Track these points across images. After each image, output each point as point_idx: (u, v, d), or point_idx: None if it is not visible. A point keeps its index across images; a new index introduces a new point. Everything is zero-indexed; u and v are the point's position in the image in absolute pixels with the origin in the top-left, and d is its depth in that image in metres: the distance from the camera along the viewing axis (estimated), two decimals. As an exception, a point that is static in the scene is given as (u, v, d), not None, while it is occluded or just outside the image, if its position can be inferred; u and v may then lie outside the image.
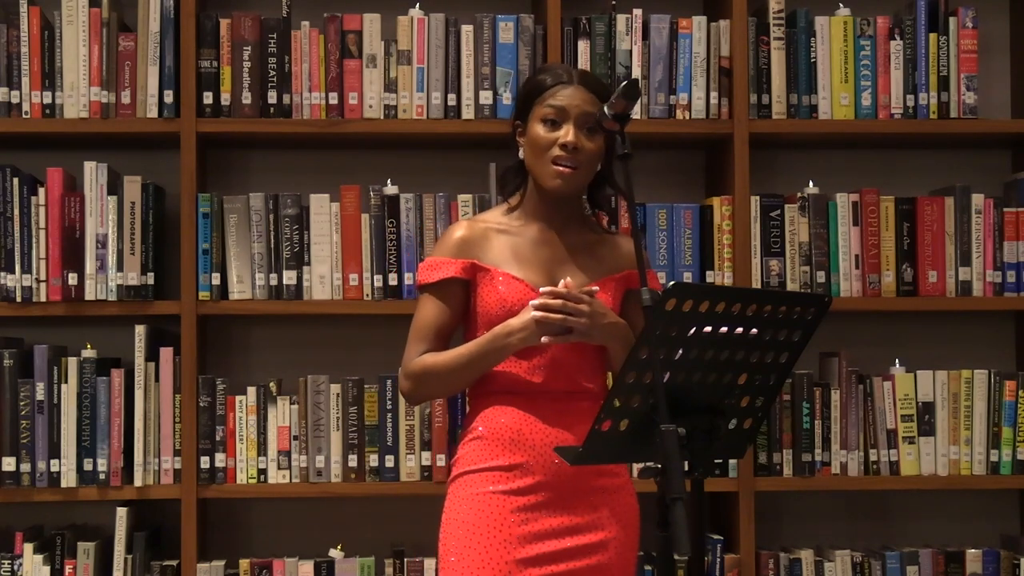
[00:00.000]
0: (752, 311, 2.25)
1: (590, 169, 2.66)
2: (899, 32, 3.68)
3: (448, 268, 2.65)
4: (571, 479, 2.60)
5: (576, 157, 2.60)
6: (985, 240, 3.66)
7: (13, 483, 3.46)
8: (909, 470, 3.63)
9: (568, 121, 2.61)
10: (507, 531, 2.57)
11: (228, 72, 3.56)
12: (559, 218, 2.70)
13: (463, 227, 2.70)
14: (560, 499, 2.60)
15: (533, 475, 2.60)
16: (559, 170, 2.61)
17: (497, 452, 2.61)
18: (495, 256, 2.66)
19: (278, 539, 3.72)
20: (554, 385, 2.62)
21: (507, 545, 2.57)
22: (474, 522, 2.59)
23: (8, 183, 3.50)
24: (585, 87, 2.64)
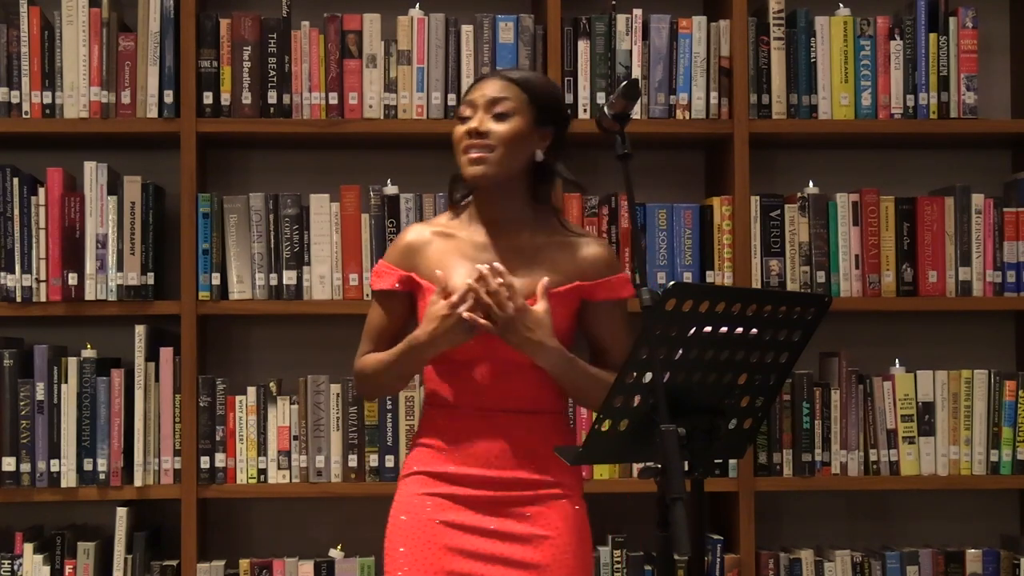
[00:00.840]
0: (752, 311, 2.25)
1: (509, 153, 2.54)
2: (899, 32, 3.68)
3: (389, 279, 2.64)
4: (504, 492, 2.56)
5: (485, 141, 2.53)
6: (985, 240, 3.66)
7: (13, 483, 3.46)
8: (909, 470, 3.63)
9: (477, 111, 2.56)
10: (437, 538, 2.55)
11: (228, 72, 3.56)
12: (502, 219, 2.61)
13: (413, 232, 2.67)
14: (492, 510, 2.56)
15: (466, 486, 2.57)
16: (470, 156, 2.54)
17: (435, 460, 2.60)
18: (432, 265, 2.59)
19: (278, 539, 3.72)
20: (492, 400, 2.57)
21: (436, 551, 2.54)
22: (408, 526, 2.58)
23: (8, 183, 3.50)
24: (499, 77, 2.59)
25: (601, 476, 3.55)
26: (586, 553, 2.63)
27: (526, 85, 2.58)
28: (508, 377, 2.57)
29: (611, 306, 2.63)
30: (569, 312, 2.60)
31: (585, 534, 2.63)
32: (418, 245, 2.64)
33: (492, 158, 2.54)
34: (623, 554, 3.54)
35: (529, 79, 2.61)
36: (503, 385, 2.57)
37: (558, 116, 2.63)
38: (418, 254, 2.63)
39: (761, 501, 3.62)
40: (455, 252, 2.62)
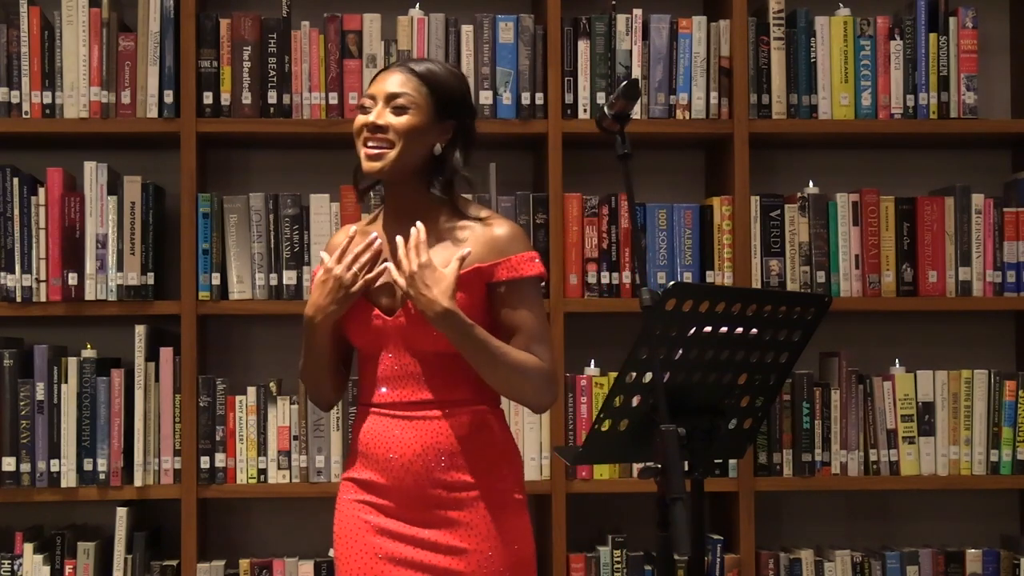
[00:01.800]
0: (752, 311, 2.26)
1: (408, 147, 2.51)
2: (899, 32, 3.68)
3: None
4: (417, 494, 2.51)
5: (383, 136, 2.51)
6: (985, 240, 3.66)
7: (13, 483, 3.46)
8: (909, 470, 3.63)
9: (376, 104, 2.54)
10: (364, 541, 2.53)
11: (228, 72, 3.56)
12: (403, 209, 2.58)
13: (339, 233, 2.67)
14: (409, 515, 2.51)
15: (380, 489, 2.53)
16: (366, 151, 2.52)
17: (355, 464, 2.58)
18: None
19: (278, 539, 3.72)
20: (403, 396, 2.53)
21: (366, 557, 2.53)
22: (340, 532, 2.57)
23: (8, 183, 3.50)
24: (401, 69, 2.56)
25: (601, 476, 3.55)
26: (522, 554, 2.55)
27: (428, 78, 2.55)
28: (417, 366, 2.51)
29: (516, 285, 2.53)
30: (472, 298, 2.51)
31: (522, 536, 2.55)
32: (337, 245, 2.62)
33: (390, 153, 2.51)
34: (623, 554, 3.54)
35: (432, 72, 2.57)
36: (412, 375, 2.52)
37: (460, 109, 2.59)
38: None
39: (761, 501, 3.62)
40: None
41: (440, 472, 2.50)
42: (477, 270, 2.51)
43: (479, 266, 2.51)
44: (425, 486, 2.50)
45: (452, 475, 2.50)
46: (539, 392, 2.52)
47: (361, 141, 2.54)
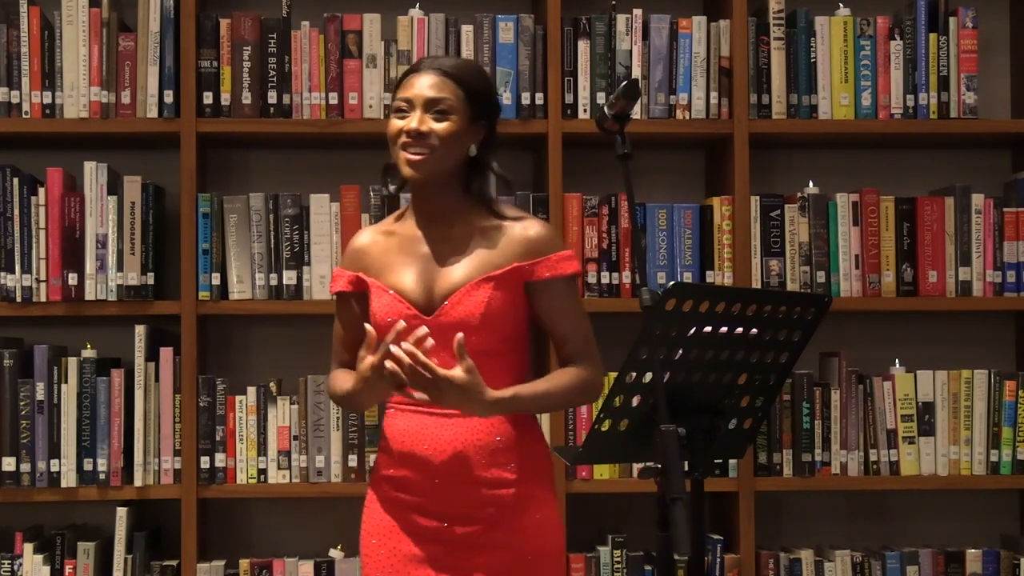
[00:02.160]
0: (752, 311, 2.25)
1: (446, 152, 2.54)
2: (899, 32, 3.68)
3: (340, 282, 2.65)
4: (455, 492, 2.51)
5: (424, 141, 2.52)
6: (985, 240, 3.66)
7: (13, 483, 3.46)
8: (909, 470, 3.63)
9: (415, 108, 2.55)
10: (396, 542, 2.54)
11: (228, 72, 3.56)
12: (438, 211, 2.60)
13: (362, 235, 2.68)
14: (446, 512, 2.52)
15: (416, 487, 2.54)
16: (407, 156, 2.53)
17: (389, 463, 2.58)
18: (378, 265, 2.60)
19: (278, 539, 3.72)
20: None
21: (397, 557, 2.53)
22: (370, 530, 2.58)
23: (8, 183, 3.50)
24: (436, 71, 2.56)
25: (601, 476, 3.55)
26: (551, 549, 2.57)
27: (463, 81, 2.56)
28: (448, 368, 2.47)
29: (556, 284, 2.56)
30: (510, 296, 2.54)
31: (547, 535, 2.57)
32: (365, 247, 2.65)
33: (430, 158, 2.53)
34: (623, 554, 3.54)
35: (465, 74, 2.58)
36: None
37: (490, 109, 2.62)
38: (366, 255, 2.64)
39: (761, 501, 3.62)
40: (396, 249, 2.61)
41: (480, 469, 2.51)
42: (517, 269, 2.54)
43: (518, 265, 2.54)
44: (465, 483, 2.52)
45: (492, 472, 2.52)
46: (584, 400, 2.65)
47: (399, 146, 2.55)
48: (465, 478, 2.51)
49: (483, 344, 2.49)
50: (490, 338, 2.51)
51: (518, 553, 2.51)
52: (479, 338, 2.49)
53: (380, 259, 2.61)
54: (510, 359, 2.57)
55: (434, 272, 2.56)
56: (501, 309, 2.52)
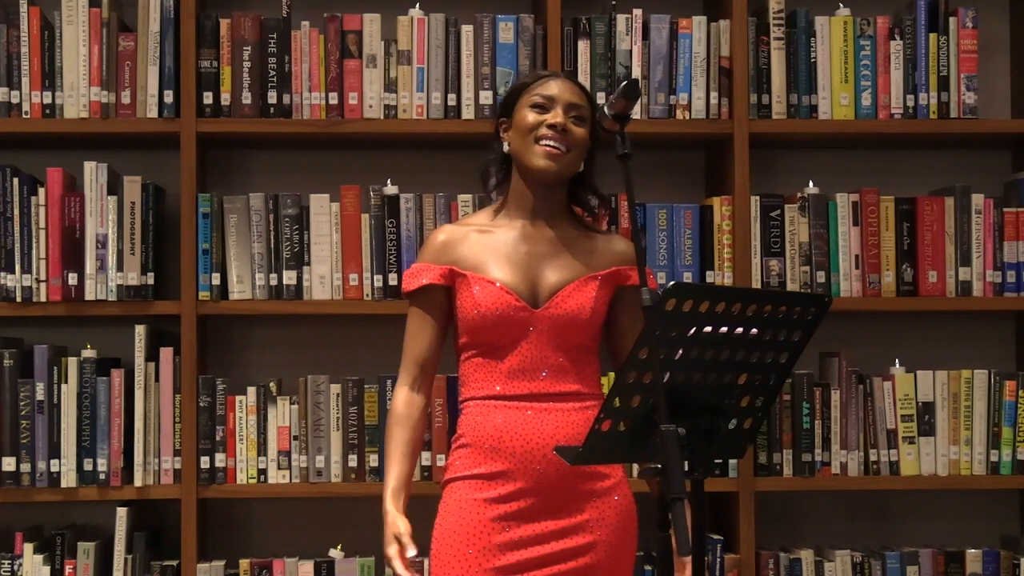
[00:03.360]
0: (752, 311, 2.25)
1: (578, 156, 2.66)
2: (899, 32, 3.68)
3: (428, 274, 2.66)
4: (555, 484, 2.58)
5: (564, 139, 2.61)
6: (985, 240, 3.66)
7: (13, 483, 3.46)
8: (909, 470, 3.63)
9: (556, 107, 2.63)
10: (487, 539, 2.56)
11: (228, 72, 3.56)
12: (543, 211, 2.69)
13: (445, 231, 2.71)
14: (544, 504, 2.57)
15: (515, 482, 2.58)
16: (547, 149, 2.60)
17: (479, 460, 2.60)
18: (474, 259, 2.65)
19: (278, 539, 3.72)
20: (544, 388, 2.61)
21: (486, 553, 2.55)
22: (456, 530, 2.58)
23: (8, 183, 3.50)
24: (574, 82, 2.70)
25: (601, 476, 3.55)
26: (633, 547, 2.68)
27: (591, 100, 2.71)
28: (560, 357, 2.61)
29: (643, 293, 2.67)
30: (607, 297, 2.68)
31: (634, 527, 2.68)
32: (454, 241, 2.68)
33: (567, 157, 2.63)
34: (623, 554, 3.54)
35: (590, 95, 2.74)
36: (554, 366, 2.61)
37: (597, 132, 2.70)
38: (456, 249, 2.67)
39: (761, 501, 3.62)
40: (496, 244, 2.67)
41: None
42: (617, 272, 2.68)
43: (616, 269, 2.68)
44: (565, 476, 2.57)
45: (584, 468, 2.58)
46: None
47: (537, 137, 2.62)
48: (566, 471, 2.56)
49: (585, 339, 2.62)
50: (591, 333, 2.65)
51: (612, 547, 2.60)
52: (583, 332, 2.61)
53: (477, 253, 2.66)
54: (595, 357, 2.70)
55: (538, 269, 2.64)
56: (602, 308, 2.66)
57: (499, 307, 2.59)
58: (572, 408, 2.62)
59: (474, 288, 2.62)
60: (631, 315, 2.70)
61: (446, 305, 2.68)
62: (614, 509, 2.63)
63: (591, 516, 2.60)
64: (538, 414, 2.60)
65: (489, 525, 2.57)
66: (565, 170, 2.65)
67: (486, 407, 2.62)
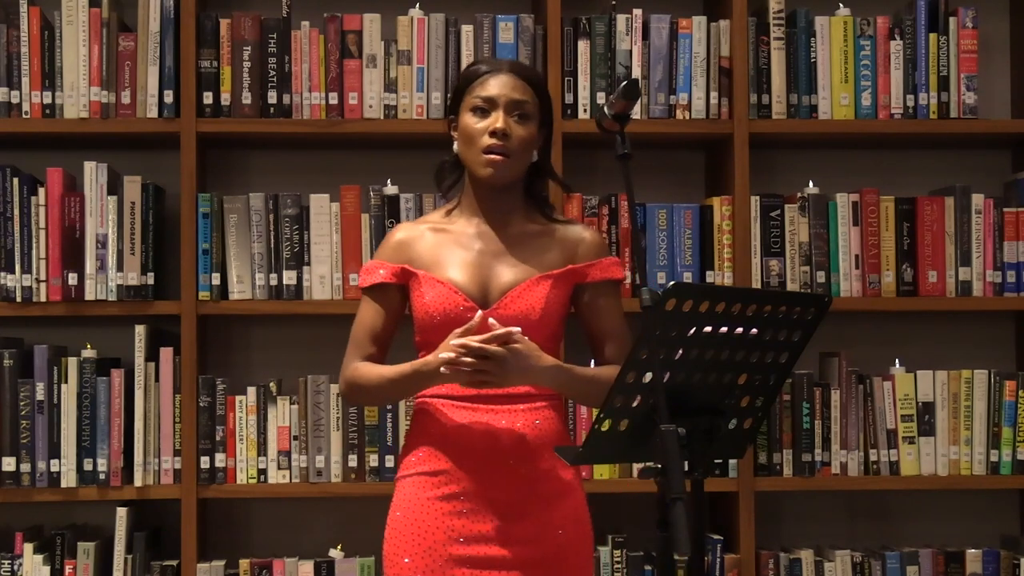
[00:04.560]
0: (752, 311, 2.25)
1: (524, 157, 2.61)
2: (899, 32, 3.68)
3: (381, 272, 2.65)
4: (503, 486, 2.55)
5: (507, 144, 2.57)
6: (985, 240, 3.66)
7: (13, 483, 3.46)
8: (909, 470, 3.63)
9: (497, 109, 2.58)
10: (440, 534, 2.54)
11: (228, 72, 3.56)
12: (498, 210, 2.65)
13: (402, 229, 2.70)
14: (492, 506, 2.55)
15: (462, 482, 2.56)
16: (490, 158, 2.57)
17: (429, 458, 2.59)
18: (428, 257, 2.63)
19: (278, 539, 3.72)
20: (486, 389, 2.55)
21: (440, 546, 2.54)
22: (409, 525, 2.57)
23: (8, 183, 3.50)
24: (514, 74, 2.62)
25: (601, 476, 3.55)
26: (589, 547, 2.65)
27: (538, 87, 2.65)
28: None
29: (606, 287, 2.66)
30: (563, 296, 2.63)
31: (588, 527, 2.64)
32: (410, 240, 2.66)
33: (510, 162, 2.59)
34: (623, 554, 3.54)
35: (539, 80, 2.67)
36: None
37: (551, 116, 2.69)
38: (411, 248, 2.65)
39: (761, 501, 3.62)
40: (451, 243, 2.64)
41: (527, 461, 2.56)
42: (571, 271, 2.63)
43: (573, 267, 2.63)
44: (515, 479, 2.55)
45: (538, 464, 2.56)
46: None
47: (481, 146, 2.58)
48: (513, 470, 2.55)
49: (538, 339, 2.55)
50: (543, 334, 2.58)
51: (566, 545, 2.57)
52: (533, 334, 2.54)
53: (431, 252, 2.63)
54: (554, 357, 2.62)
55: (490, 268, 2.60)
56: (555, 307, 2.61)
57: (447, 307, 2.57)
58: (521, 410, 2.58)
59: (424, 288, 2.60)
60: (597, 311, 2.65)
61: (398, 303, 2.67)
62: (565, 511, 2.59)
63: (543, 519, 2.56)
64: (486, 415, 2.57)
65: (441, 519, 2.55)
66: (510, 174, 2.61)
67: (437, 406, 2.60)
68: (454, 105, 2.67)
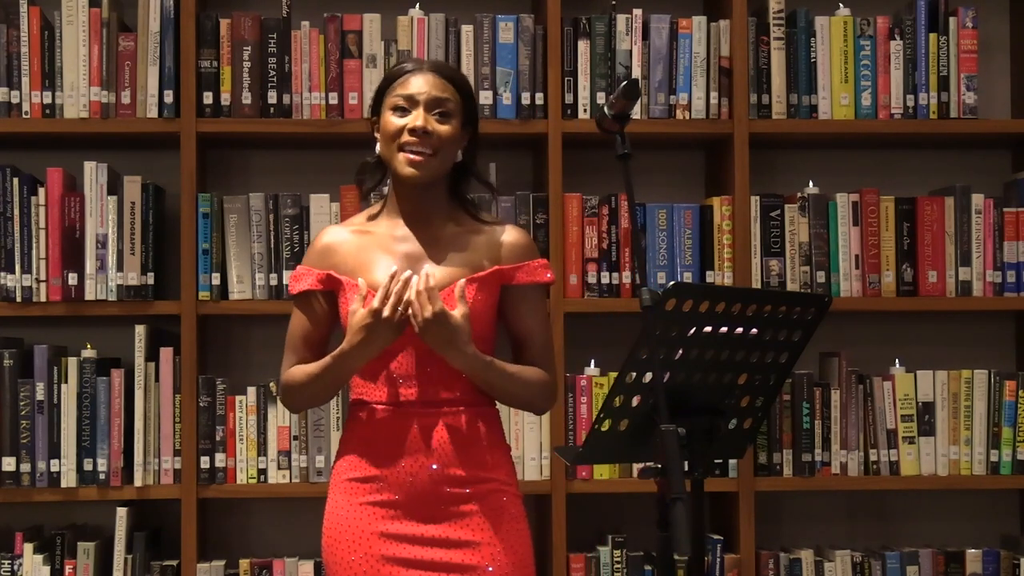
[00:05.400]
0: (752, 311, 2.26)
1: (447, 155, 2.56)
2: (899, 32, 3.68)
3: (307, 280, 2.61)
4: (428, 491, 2.52)
5: (427, 141, 2.53)
6: (985, 240, 3.66)
7: (13, 483, 3.46)
8: (909, 470, 3.63)
9: (417, 107, 2.55)
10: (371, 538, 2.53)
11: (228, 72, 3.56)
12: (422, 211, 2.60)
13: (327, 233, 2.65)
14: (419, 511, 2.52)
15: (390, 488, 2.53)
16: (410, 157, 2.53)
17: (357, 464, 2.57)
18: (352, 263, 2.58)
19: (278, 539, 3.72)
20: (405, 398, 2.54)
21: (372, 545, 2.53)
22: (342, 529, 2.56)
23: (8, 183, 3.50)
24: (435, 73, 2.58)
25: (601, 476, 3.55)
26: (523, 550, 2.57)
27: (461, 87, 2.60)
28: (432, 366, 2.52)
29: (531, 290, 2.60)
30: (490, 298, 2.58)
31: (522, 531, 2.58)
32: (335, 245, 2.62)
33: (433, 160, 2.54)
34: (623, 554, 3.54)
35: (462, 80, 2.62)
36: (427, 375, 2.53)
37: (476, 115, 2.65)
38: (335, 253, 2.61)
39: (761, 501, 3.62)
40: (374, 246, 2.60)
41: (452, 468, 2.52)
42: (498, 272, 2.57)
43: (499, 268, 2.57)
44: (436, 483, 2.52)
45: (462, 471, 2.52)
46: (543, 402, 2.62)
47: (400, 145, 2.54)
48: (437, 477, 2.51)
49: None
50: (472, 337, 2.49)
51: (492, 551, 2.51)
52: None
53: (355, 257, 2.59)
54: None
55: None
56: (482, 310, 2.54)
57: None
58: (448, 414, 2.54)
59: (349, 294, 2.55)
60: (521, 314, 2.60)
61: (327, 307, 2.62)
62: (495, 513, 2.54)
63: (471, 522, 2.53)
64: (413, 420, 2.53)
65: (371, 523, 2.53)
66: (433, 173, 2.56)
67: (363, 413, 2.58)
68: (376, 105, 2.63)
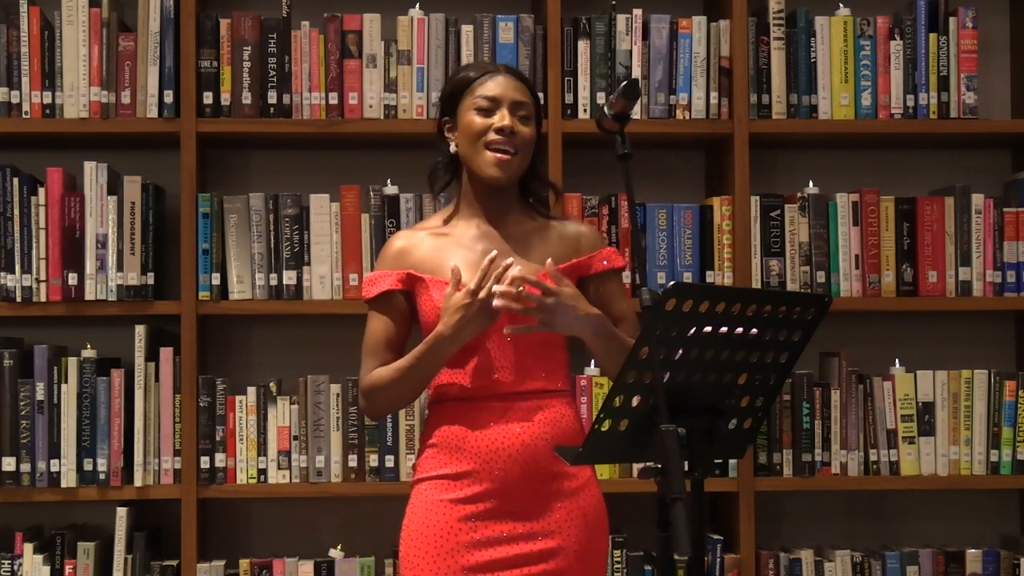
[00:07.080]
0: (752, 311, 2.25)
1: (527, 155, 2.65)
2: (899, 32, 3.68)
3: (386, 280, 2.66)
4: (520, 485, 2.56)
5: (513, 141, 2.60)
6: (985, 240, 3.66)
7: (13, 483, 3.46)
8: (909, 470, 3.63)
9: (501, 108, 2.61)
10: (454, 539, 2.55)
11: (228, 72, 3.56)
12: (496, 209, 2.68)
13: (401, 237, 2.71)
14: (510, 505, 2.56)
15: (480, 482, 2.56)
16: (497, 156, 2.59)
17: (445, 460, 2.59)
18: (432, 262, 2.64)
19: (278, 539, 3.72)
20: (501, 388, 2.58)
21: (455, 553, 2.54)
22: (424, 531, 2.57)
23: (8, 183, 3.50)
24: (513, 77, 2.66)
25: (601, 476, 3.54)
26: (604, 548, 2.67)
27: (533, 91, 2.69)
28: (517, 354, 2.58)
29: (610, 275, 2.71)
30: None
31: (604, 527, 2.67)
32: (410, 247, 2.68)
33: (516, 161, 2.62)
34: (623, 554, 3.54)
35: (533, 84, 2.72)
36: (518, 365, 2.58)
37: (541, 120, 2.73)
38: (411, 255, 2.67)
39: (761, 501, 3.62)
40: (452, 246, 2.66)
41: (547, 462, 2.56)
42: (575, 265, 2.67)
43: (576, 261, 2.67)
44: (531, 477, 2.56)
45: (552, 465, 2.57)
46: None
47: (486, 143, 2.60)
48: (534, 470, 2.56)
49: (547, 335, 2.57)
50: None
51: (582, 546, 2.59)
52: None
53: (433, 256, 2.65)
54: (563, 352, 2.67)
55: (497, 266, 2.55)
56: None
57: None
58: (536, 406, 2.59)
59: (432, 291, 2.61)
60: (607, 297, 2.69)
61: (406, 309, 2.67)
62: (582, 510, 2.62)
63: (559, 517, 2.58)
64: (502, 413, 2.58)
65: (456, 525, 2.56)
66: (514, 173, 2.64)
67: (452, 407, 2.61)
68: (450, 107, 2.68)
